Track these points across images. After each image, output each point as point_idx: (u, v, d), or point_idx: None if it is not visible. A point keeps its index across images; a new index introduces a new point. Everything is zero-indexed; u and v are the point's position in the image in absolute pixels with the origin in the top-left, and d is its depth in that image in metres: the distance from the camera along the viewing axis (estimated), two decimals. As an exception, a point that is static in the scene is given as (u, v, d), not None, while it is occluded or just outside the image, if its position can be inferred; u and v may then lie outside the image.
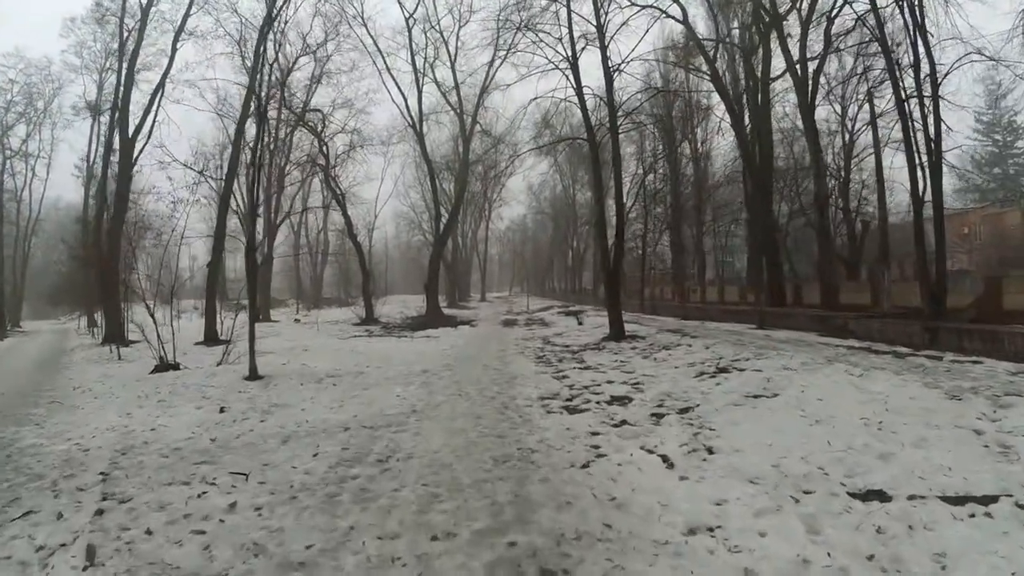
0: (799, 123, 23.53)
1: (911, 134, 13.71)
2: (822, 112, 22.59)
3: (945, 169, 17.33)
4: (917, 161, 12.59)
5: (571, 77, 14.13)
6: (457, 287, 46.57)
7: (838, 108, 22.00)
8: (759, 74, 18.79)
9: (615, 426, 5.39)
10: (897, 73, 13.44)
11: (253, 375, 8.76)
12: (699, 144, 29.25)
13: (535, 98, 14.00)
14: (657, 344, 11.60)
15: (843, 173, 21.81)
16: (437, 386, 7.91)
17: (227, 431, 5.70)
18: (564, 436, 5.00)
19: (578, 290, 50.66)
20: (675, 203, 26.69)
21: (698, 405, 6.08)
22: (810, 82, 16.07)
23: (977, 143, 33.02)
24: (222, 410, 6.65)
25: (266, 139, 28.30)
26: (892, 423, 5.08)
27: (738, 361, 8.45)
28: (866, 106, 21.93)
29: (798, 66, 16.44)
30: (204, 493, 4.05)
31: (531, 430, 5.28)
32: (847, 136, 22.40)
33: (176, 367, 10.94)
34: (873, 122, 15.21)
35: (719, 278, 28.93)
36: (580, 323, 18.27)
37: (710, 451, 4.47)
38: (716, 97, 25.60)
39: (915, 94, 13.22)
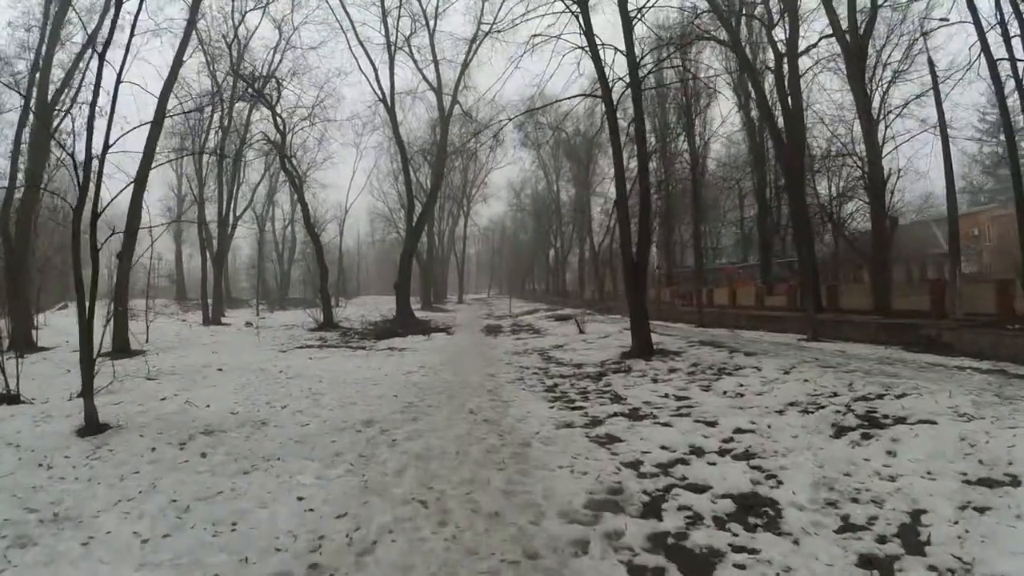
0: (816, 107, 21.29)
1: (1004, 100, 11.65)
2: (837, 97, 20.27)
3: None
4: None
5: (581, 19, 11.12)
6: (433, 288, 43.00)
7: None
8: (784, 47, 16.15)
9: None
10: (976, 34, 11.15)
11: (91, 426, 5.30)
12: (697, 134, 26.71)
13: (535, 35, 10.95)
14: (704, 365, 8.50)
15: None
16: (384, 468, 4.24)
17: None
18: None
19: (561, 292, 47.90)
20: (687, 191, 23.82)
21: (920, 517, 3.00)
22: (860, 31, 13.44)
23: (981, 143, 31.49)
24: (-56, 527, 3.25)
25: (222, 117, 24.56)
26: None
27: (871, 400, 5.41)
28: (891, 90, 19.69)
29: (847, 35, 13.93)
30: None
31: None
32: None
33: (15, 399, 7.35)
34: (937, 90, 12.56)
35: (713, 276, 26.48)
36: (582, 331, 15.14)
37: None
38: (722, 80, 23.23)
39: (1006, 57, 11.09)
